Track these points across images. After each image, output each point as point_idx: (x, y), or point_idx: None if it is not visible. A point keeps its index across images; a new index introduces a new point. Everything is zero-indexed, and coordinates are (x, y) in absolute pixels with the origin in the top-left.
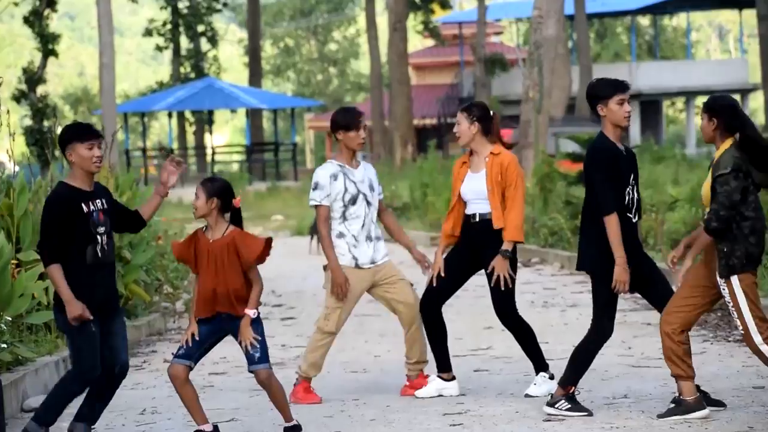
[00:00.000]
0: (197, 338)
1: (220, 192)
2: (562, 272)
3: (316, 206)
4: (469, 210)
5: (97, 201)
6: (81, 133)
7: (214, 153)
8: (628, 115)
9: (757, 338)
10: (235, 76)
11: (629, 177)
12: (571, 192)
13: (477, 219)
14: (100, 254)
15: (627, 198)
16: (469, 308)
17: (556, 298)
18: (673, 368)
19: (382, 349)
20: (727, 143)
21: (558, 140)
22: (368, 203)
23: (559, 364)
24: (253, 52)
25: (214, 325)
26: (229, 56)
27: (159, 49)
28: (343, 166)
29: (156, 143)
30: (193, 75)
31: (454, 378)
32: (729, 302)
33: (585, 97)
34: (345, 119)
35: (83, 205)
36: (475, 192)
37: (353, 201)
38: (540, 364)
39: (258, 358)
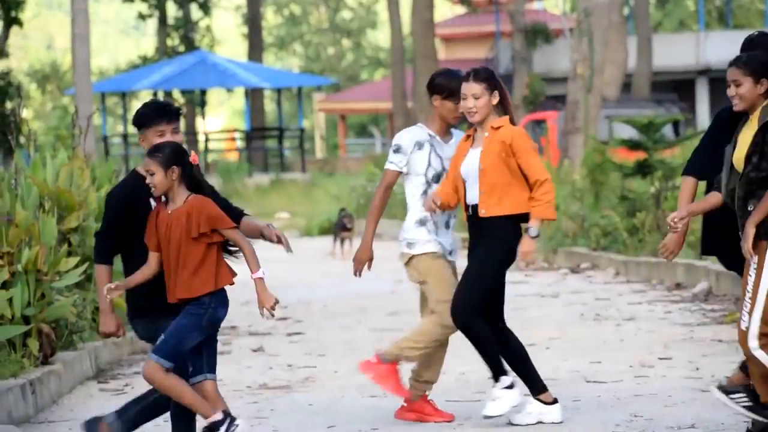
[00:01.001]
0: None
1: (177, 158)
2: (617, 280)
3: (386, 170)
4: (468, 199)
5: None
6: (152, 116)
7: (207, 140)
8: None
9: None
10: (232, 49)
11: None
12: (628, 185)
13: (469, 211)
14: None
15: None
16: (508, 322)
17: (609, 309)
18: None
19: (404, 369)
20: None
21: (612, 124)
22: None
23: (613, 388)
24: (253, 21)
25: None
26: (224, 26)
27: (142, 17)
28: (433, 137)
29: None
30: (182, 48)
31: (555, 401)
32: (751, 277)
33: (649, 74)
34: (448, 85)
35: (152, 199)
36: (471, 173)
37: (437, 179)
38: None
39: (157, 347)
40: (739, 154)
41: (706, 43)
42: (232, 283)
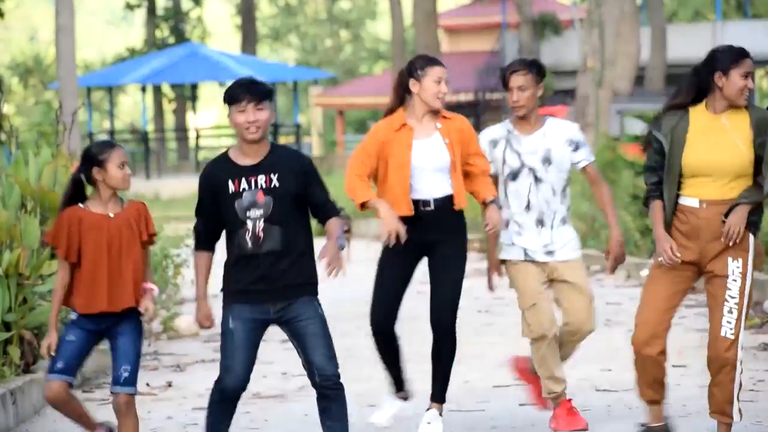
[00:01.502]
0: (76, 343)
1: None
2: (629, 283)
3: None
4: (426, 192)
5: (260, 177)
6: (230, 94)
7: (198, 136)
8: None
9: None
10: (225, 41)
11: None
12: (640, 183)
13: (431, 206)
14: (250, 243)
15: None
16: (514, 328)
17: (621, 314)
18: None
19: (405, 377)
20: None
21: (623, 120)
22: (537, 179)
23: (624, 397)
24: (247, 11)
25: (97, 325)
26: (216, 17)
27: (130, 7)
28: (511, 131)
29: (127, 125)
30: (172, 40)
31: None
32: (736, 282)
33: (664, 67)
34: (502, 78)
35: (231, 182)
36: (435, 165)
37: (513, 176)
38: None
39: (125, 378)
40: None
41: (723, 33)
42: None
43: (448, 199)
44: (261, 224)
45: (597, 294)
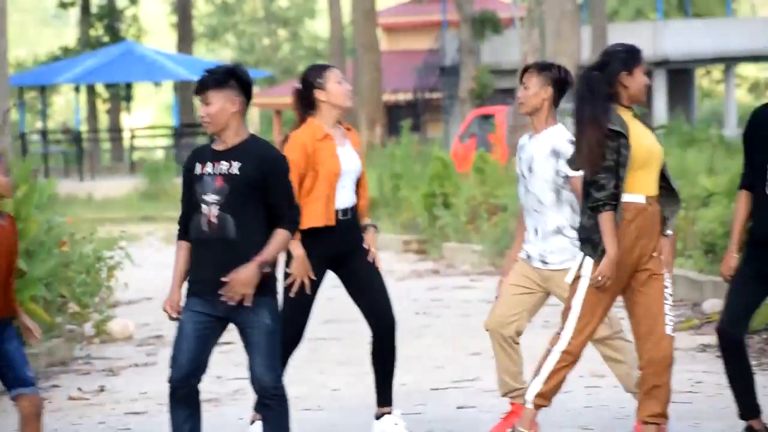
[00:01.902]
0: None
1: None
2: None
3: None
4: (341, 202)
5: (223, 163)
6: (196, 87)
7: (133, 137)
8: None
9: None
10: (160, 40)
11: None
12: None
13: (348, 215)
14: (205, 227)
15: None
16: (452, 330)
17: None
18: None
19: (341, 382)
20: None
21: (564, 121)
22: (526, 188)
23: (562, 399)
24: (183, 10)
25: None
26: (152, 15)
27: (63, 5)
28: (532, 136)
29: (60, 125)
30: (106, 39)
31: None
32: (668, 288)
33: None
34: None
35: (199, 164)
36: (354, 173)
37: (519, 183)
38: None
39: (32, 379)
40: None
41: (664, 32)
42: None
43: (356, 208)
44: (215, 210)
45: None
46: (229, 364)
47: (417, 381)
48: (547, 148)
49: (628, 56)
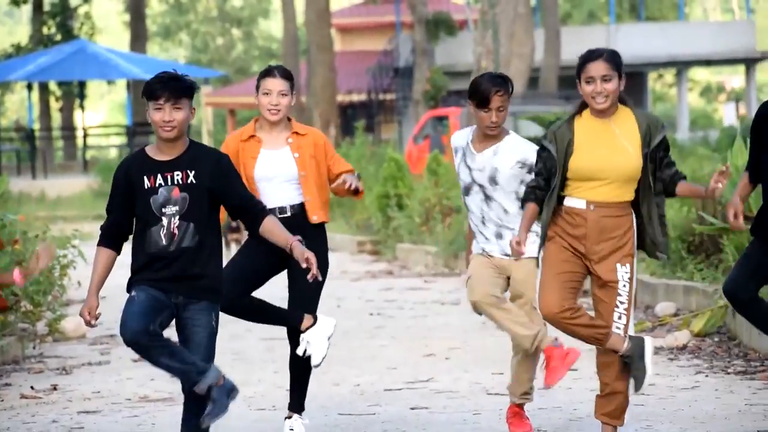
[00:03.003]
0: None
1: None
2: None
3: None
4: (274, 201)
5: (176, 173)
6: (148, 89)
7: (86, 135)
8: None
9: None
10: (114, 38)
11: None
12: None
13: (287, 212)
14: (164, 240)
15: None
16: (406, 331)
17: None
18: None
19: None
20: None
21: (517, 122)
22: (486, 197)
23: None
24: (136, 8)
25: None
26: (105, 13)
27: (15, 3)
28: (468, 144)
29: (12, 122)
30: (59, 37)
31: None
32: (626, 288)
33: (557, 69)
34: (476, 93)
35: (146, 177)
36: (284, 176)
37: (466, 191)
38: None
39: None
40: None
41: (617, 36)
42: None
43: (301, 206)
44: (176, 221)
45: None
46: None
47: (371, 382)
48: (513, 160)
49: (577, 65)
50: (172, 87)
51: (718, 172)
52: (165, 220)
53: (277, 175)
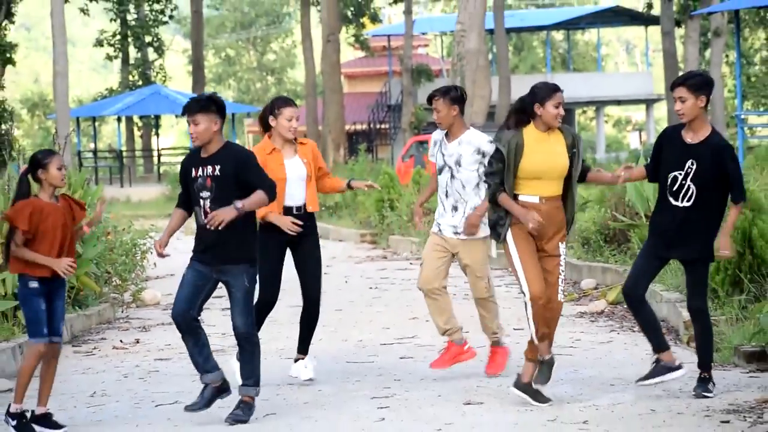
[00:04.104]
0: (45, 309)
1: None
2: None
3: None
4: (293, 200)
5: (209, 167)
6: (183, 110)
7: (160, 155)
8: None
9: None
10: (180, 83)
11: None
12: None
13: (301, 210)
14: (203, 217)
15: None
16: (396, 301)
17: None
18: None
19: (314, 338)
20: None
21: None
22: (452, 176)
23: (479, 354)
24: (197, 61)
25: (47, 288)
26: (174, 65)
27: (109, 58)
28: (443, 138)
29: (106, 145)
30: (140, 82)
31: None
32: (563, 257)
33: (508, 106)
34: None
35: (193, 169)
36: (299, 178)
37: (440, 171)
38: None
39: (62, 331)
40: None
41: (552, 82)
42: None
43: (305, 205)
44: (209, 204)
45: (458, 275)
46: (230, 323)
47: (370, 339)
48: (473, 148)
49: (542, 92)
50: (189, 106)
51: (624, 166)
52: (202, 202)
53: (295, 176)
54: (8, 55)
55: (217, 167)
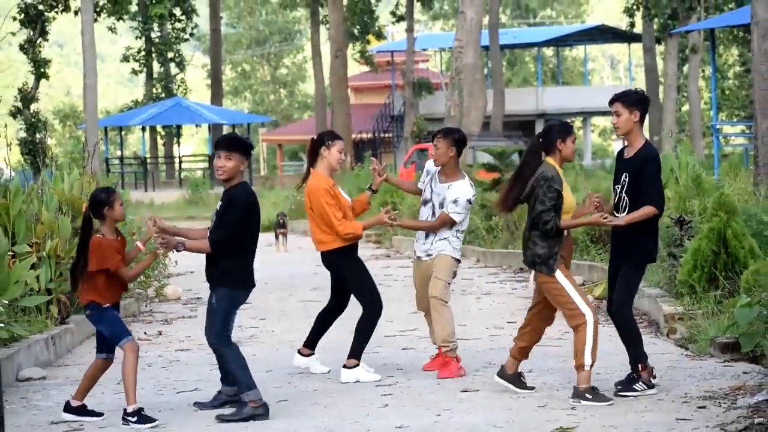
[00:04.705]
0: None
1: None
2: (477, 265)
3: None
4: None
5: (219, 203)
6: (215, 142)
7: (181, 162)
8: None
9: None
10: (200, 95)
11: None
12: (486, 197)
13: None
14: None
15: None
16: (398, 296)
17: (472, 287)
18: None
19: None
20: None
21: (475, 153)
22: (433, 212)
23: (473, 344)
24: (215, 75)
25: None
26: (194, 79)
27: (134, 72)
28: (436, 174)
29: (132, 153)
30: (163, 95)
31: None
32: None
33: (502, 117)
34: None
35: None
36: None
37: (424, 202)
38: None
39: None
40: None
41: (543, 95)
42: None
43: None
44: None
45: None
46: (245, 317)
47: (375, 331)
48: (454, 197)
49: (562, 130)
50: (225, 142)
51: (592, 197)
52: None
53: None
54: (42, 70)
55: (219, 204)
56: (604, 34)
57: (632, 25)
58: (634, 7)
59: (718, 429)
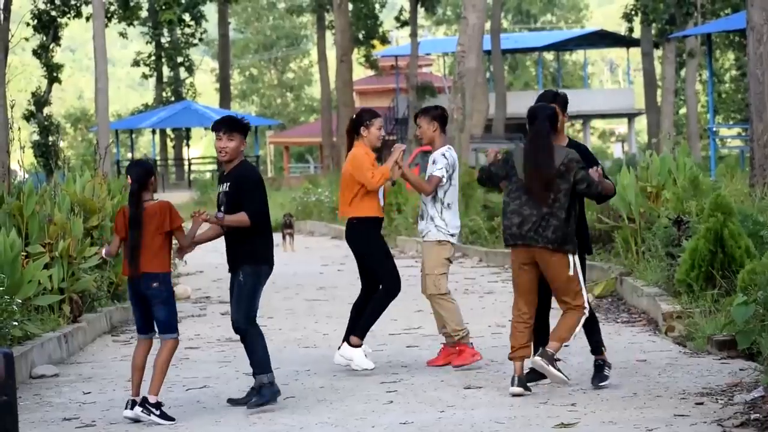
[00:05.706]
0: None
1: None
2: (480, 265)
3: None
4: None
5: (225, 183)
6: (213, 125)
7: (190, 164)
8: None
9: None
10: (208, 99)
11: None
12: (488, 198)
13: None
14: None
15: None
16: (402, 295)
17: (475, 286)
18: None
19: (329, 329)
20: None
21: (477, 154)
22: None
23: (477, 341)
24: (224, 79)
25: None
26: (203, 83)
27: (145, 76)
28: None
29: (142, 155)
30: (173, 99)
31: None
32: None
33: (504, 119)
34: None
35: (220, 185)
36: None
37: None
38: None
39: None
40: None
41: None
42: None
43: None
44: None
45: (458, 272)
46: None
47: (379, 329)
48: (432, 159)
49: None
50: (226, 123)
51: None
52: (221, 214)
53: None
54: (55, 74)
55: (228, 185)
56: (603, 39)
57: (631, 30)
58: (633, 12)
59: (716, 425)
